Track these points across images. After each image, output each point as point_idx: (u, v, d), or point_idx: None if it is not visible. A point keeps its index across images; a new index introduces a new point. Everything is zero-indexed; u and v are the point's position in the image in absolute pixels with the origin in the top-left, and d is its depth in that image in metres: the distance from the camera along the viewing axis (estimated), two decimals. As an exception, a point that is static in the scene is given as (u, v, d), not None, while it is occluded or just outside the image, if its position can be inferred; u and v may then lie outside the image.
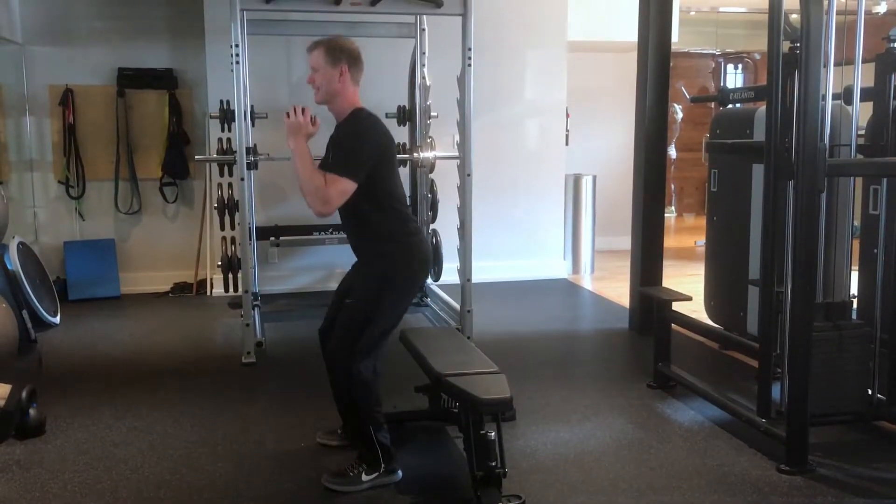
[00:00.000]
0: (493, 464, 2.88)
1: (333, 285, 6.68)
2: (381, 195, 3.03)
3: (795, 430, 3.16)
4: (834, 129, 3.41)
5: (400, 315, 3.17)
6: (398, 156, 5.96)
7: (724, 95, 5.06)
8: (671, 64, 5.32)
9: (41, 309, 5.41)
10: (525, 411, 3.82)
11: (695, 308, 4.86)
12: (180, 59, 6.58)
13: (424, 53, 5.90)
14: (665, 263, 5.46)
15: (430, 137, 5.77)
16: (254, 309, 5.06)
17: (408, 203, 3.24)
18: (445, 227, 5.84)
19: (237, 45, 4.61)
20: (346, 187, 2.90)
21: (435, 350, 3.37)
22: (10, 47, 6.27)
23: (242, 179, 4.71)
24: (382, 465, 3.06)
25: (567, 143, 7.42)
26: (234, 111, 4.80)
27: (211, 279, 6.59)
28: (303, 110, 2.99)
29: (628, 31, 5.89)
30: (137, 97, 6.52)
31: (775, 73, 3.29)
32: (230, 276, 5.64)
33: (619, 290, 6.50)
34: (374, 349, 3.05)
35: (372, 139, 3.01)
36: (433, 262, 5.97)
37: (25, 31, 6.33)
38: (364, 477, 3.05)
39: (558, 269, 7.33)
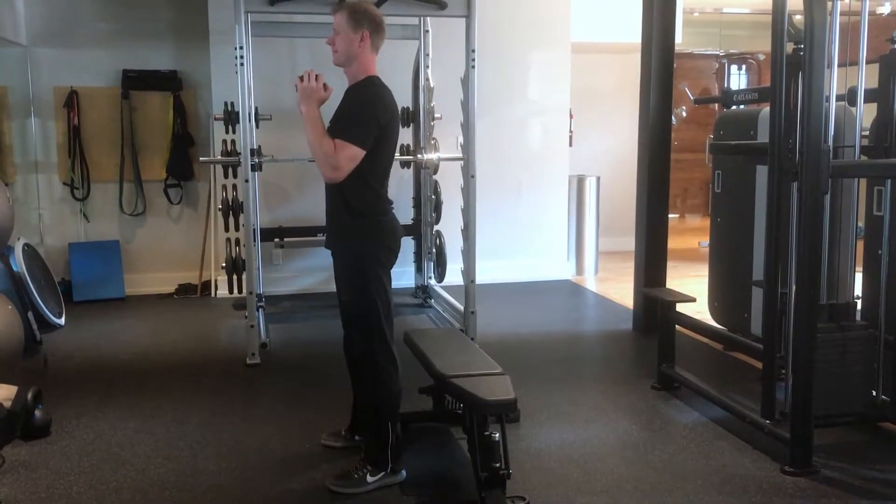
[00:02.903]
0: (498, 465, 2.89)
1: (337, 286, 6.78)
2: (367, 169, 2.98)
3: (799, 431, 3.16)
4: (838, 131, 3.41)
5: (387, 283, 3.12)
6: (404, 157, 6.00)
7: (727, 97, 5.06)
8: (675, 65, 5.32)
9: (46, 310, 5.41)
10: (529, 412, 3.82)
11: (699, 309, 4.86)
12: (185, 61, 6.60)
13: (428, 55, 5.91)
14: (669, 264, 5.46)
15: (433, 139, 5.78)
16: (258, 310, 5.07)
17: (387, 186, 3.18)
18: (449, 228, 5.85)
19: (241, 47, 4.62)
20: (354, 153, 2.90)
21: (439, 351, 3.38)
22: (16, 49, 6.30)
23: (247, 181, 4.72)
24: (390, 465, 3.07)
25: (571, 144, 7.43)
26: (238, 113, 4.81)
27: (215, 280, 6.61)
28: (316, 76, 2.99)
29: (632, 32, 5.88)
30: (142, 99, 6.54)
31: (779, 74, 3.29)
32: (234, 277, 5.66)
33: (622, 291, 6.51)
34: (386, 329, 3.05)
35: (381, 107, 3.00)
36: (436, 259, 5.98)
37: (30, 34, 6.36)
38: (369, 478, 3.05)
39: (562, 270, 7.33)
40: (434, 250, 6.02)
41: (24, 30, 6.31)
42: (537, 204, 7.18)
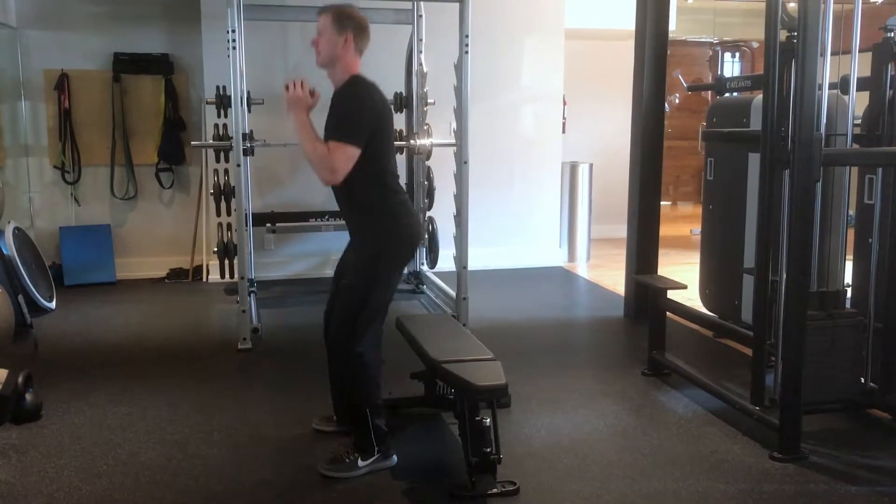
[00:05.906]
0: (488, 450, 2.90)
1: (330, 272, 6.69)
2: (372, 167, 3.00)
3: (788, 417, 3.18)
4: (830, 119, 3.42)
5: (393, 287, 3.17)
6: (396, 143, 5.98)
7: (720, 84, 5.06)
8: (668, 52, 5.31)
9: (37, 294, 5.41)
10: (520, 398, 3.84)
11: (690, 296, 4.88)
12: (176, 44, 6.55)
13: (421, 40, 5.89)
14: (661, 252, 5.47)
15: (426, 124, 5.77)
16: (250, 295, 5.06)
17: (398, 178, 3.21)
18: (442, 214, 5.84)
19: (234, 31, 4.59)
20: (350, 152, 2.90)
21: (431, 337, 3.38)
22: (5, 31, 6.24)
23: (238, 165, 4.70)
24: (377, 450, 3.08)
25: (564, 131, 7.42)
26: (230, 97, 4.79)
27: (207, 265, 6.59)
28: (301, 83, 3.00)
29: (626, 18, 5.88)
30: (133, 82, 6.50)
31: (772, 62, 3.29)
32: (226, 262, 5.64)
33: (614, 277, 6.52)
34: (371, 325, 3.05)
35: (369, 104, 3.00)
36: (428, 245, 5.97)
37: (20, 15, 6.30)
38: (360, 462, 3.06)
39: (554, 256, 7.34)
40: (426, 236, 6.02)
41: (13, 11, 6.25)
42: (530, 190, 7.18)
